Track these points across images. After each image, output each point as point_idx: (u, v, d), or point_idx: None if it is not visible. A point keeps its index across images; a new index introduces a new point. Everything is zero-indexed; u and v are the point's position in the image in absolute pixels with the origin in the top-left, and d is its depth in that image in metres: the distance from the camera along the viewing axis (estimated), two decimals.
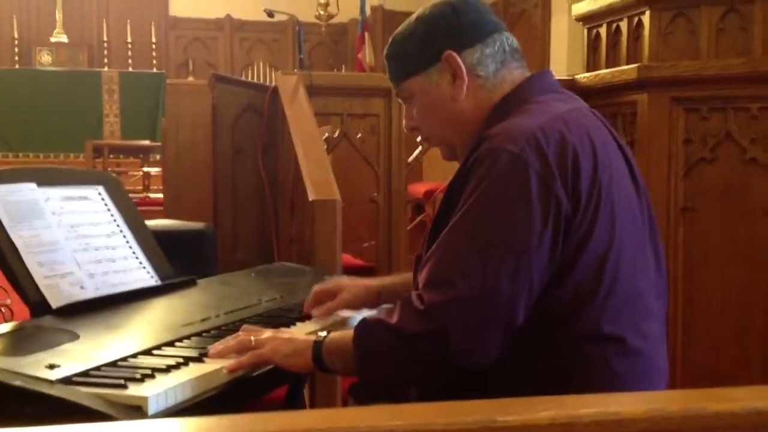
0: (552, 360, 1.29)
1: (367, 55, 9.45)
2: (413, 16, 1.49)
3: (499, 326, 1.24)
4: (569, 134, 1.30)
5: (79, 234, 1.71)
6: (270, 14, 5.81)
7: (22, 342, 1.36)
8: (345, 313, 1.70)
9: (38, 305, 1.52)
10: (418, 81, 1.47)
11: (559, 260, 1.27)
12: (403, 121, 1.59)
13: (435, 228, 1.38)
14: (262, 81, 9.70)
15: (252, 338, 1.38)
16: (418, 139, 2.88)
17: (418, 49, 1.46)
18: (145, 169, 7.37)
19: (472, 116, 1.44)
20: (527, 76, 1.47)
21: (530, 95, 1.42)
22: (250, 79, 10.06)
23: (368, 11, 9.84)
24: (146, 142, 7.64)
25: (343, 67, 10.57)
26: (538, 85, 1.45)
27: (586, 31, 3.09)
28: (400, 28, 1.51)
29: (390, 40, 1.53)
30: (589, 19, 3.04)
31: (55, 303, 1.53)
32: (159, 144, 6.56)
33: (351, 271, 3.09)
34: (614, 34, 2.90)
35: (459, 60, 1.43)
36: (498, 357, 1.26)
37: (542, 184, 1.25)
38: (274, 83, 3.42)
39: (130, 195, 2.11)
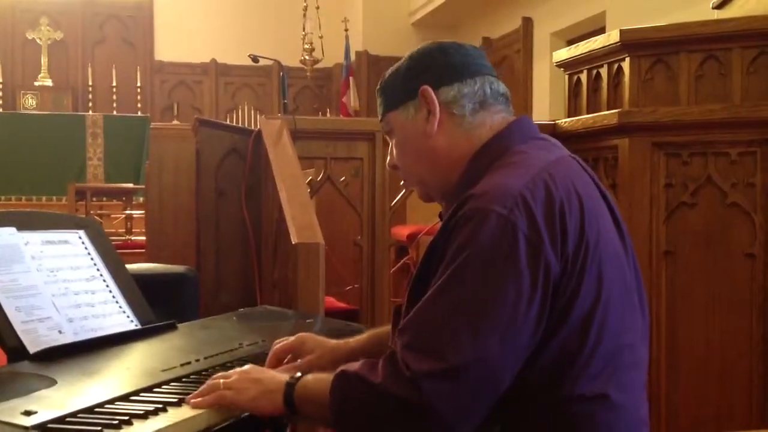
0: (536, 422, 1.27)
1: (352, 99, 9.56)
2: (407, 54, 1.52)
3: (488, 395, 1.22)
4: (555, 190, 1.28)
5: (59, 278, 1.69)
6: (255, 59, 5.85)
7: None
8: None
9: (15, 350, 1.50)
10: (397, 114, 1.49)
11: (546, 322, 1.24)
12: (387, 158, 1.60)
13: (415, 283, 1.35)
14: (247, 124, 9.75)
15: (221, 381, 1.36)
16: (402, 182, 2.90)
17: (400, 84, 1.48)
18: (128, 211, 7.35)
19: (447, 156, 1.44)
20: (509, 121, 1.45)
21: (510, 144, 1.40)
22: (235, 122, 10.10)
23: (353, 56, 9.97)
24: (129, 185, 7.63)
25: (328, 110, 10.66)
26: (517, 133, 1.43)
27: (567, 77, 3.13)
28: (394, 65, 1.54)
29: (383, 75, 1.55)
30: (570, 65, 3.08)
31: (32, 348, 1.51)
32: (142, 187, 6.55)
33: (334, 314, 3.07)
34: (595, 80, 2.93)
35: (433, 95, 1.43)
36: (481, 422, 1.23)
37: (531, 248, 1.22)
38: (258, 127, 3.43)
39: (113, 238, 2.09)
